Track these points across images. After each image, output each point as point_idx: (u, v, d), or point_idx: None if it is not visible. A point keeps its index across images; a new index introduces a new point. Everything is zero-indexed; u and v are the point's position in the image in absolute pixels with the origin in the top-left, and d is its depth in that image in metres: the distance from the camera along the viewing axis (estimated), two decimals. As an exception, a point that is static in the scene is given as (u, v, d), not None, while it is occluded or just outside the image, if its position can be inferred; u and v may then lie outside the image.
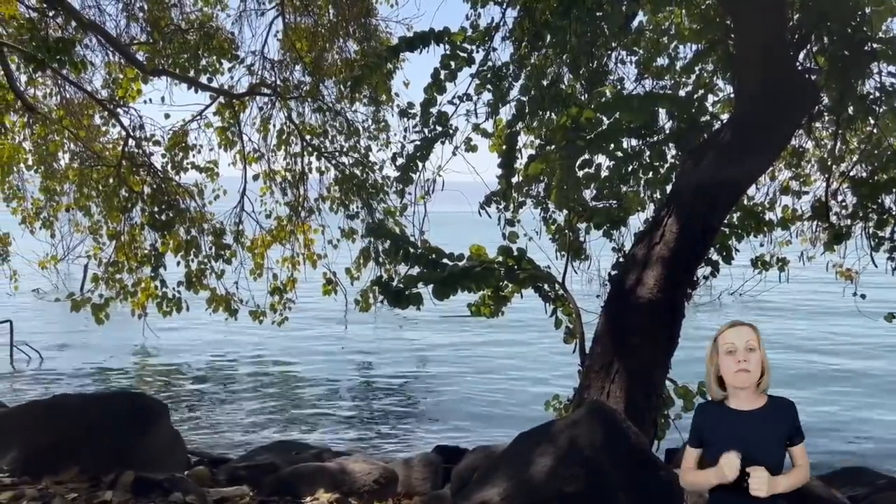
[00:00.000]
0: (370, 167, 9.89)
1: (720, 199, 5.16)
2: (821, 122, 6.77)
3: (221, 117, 9.77)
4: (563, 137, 5.53)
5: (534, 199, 6.44)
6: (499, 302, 5.93)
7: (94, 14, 8.91)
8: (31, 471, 5.04)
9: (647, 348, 4.84)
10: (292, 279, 9.90)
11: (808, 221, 7.29)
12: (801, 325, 16.51)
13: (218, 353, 13.87)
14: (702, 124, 5.74)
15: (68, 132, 9.42)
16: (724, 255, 6.20)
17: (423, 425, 9.90)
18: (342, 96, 9.86)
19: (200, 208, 9.51)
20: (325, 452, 6.53)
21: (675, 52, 6.67)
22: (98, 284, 9.16)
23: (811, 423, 9.37)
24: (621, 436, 3.96)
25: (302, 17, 9.84)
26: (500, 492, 3.68)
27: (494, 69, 6.01)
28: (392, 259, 7.97)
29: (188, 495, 4.77)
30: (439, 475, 5.96)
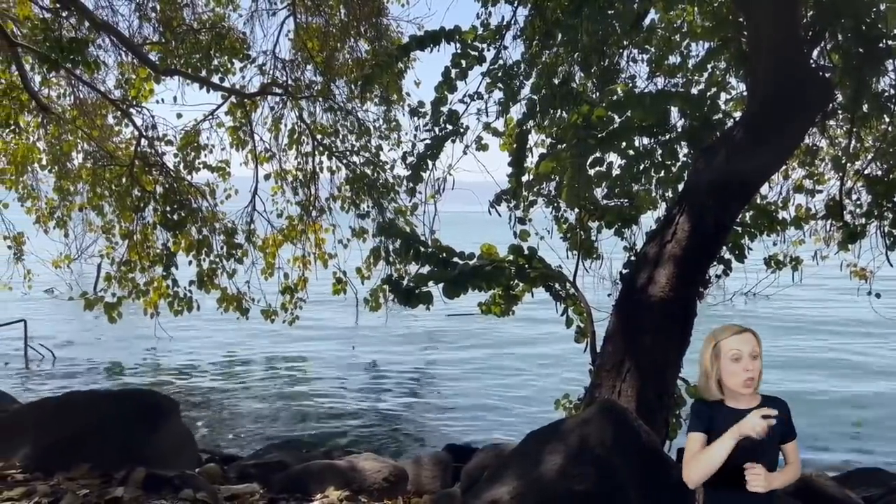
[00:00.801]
0: (381, 166, 9.91)
1: (733, 197, 5.12)
2: (835, 119, 6.71)
3: (233, 117, 9.82)
4: (575, 136, 5.49)
5: (545, 198, 6.41)
6: (509, 301, 5.91)
7: (107, 14, 8.99)
8: (43, 467, 5.07)
9: (658, 347, 4.81)
10: (303, 278, 9.92)
11: (821, 220, 7.22)
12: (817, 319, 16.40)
13: (229, 352, 13.93)
14: (714, 122, 5.70)
15: (82, 132, 9.49)
16: (737, 253, 6.16)
17: (432, 424, 9.89)
18: (353, 96, 9.88)
19: (212, 208, 9.56)
20: (335, 450, 6.53)
21: (688, 50, 6.62)
22: (111, 283, 9.22)
23: (825, 425, 9.31)
24: (632, 434, 3.94)
25: (313, 16, 9.87)
26: (510, 490, 3.66)
27: (505, 68, 5.99)
28: (402, 258, 7.95)
29: (199, 492, 4.78)
30: (449, 474, 5.95)
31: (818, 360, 13.06)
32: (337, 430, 9.42)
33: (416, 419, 10.18)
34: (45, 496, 4.62)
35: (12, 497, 4.58)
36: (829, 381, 11.72)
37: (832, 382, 11.71)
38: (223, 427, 9.48)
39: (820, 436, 9.03)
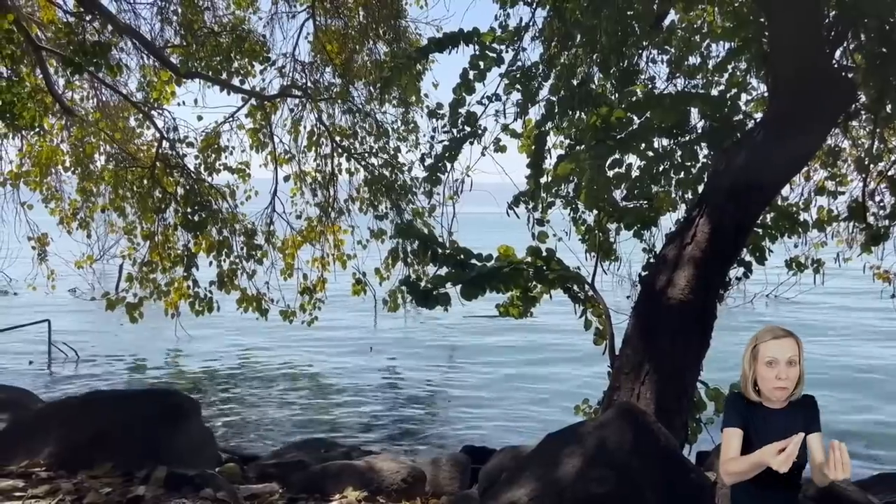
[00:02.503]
0: (399, 168, 9.95)
1: (753, 199, 5.07)
2: (857, 120, 6.63)
3: (253, 119, 9.90)
4: (593, 137, 5.48)
5: (563, 200, 6.40)
6: (527, 303, 5.89)
7: (130, 18, 9.11)
8: (66, 465, 5.13)
9: (678, 350, 4.78)
10: (322, 279, 9.98)
11: (844, 222, 7.14)
12: (839, 326, 16.21)
13: (248, 353, 14.03)
14: (735, 123, 5.66)
15: (104, 134, 9.63)
16: (758, 256, 6.11)
17: (451, 425, 9.90)
18: (372, 98, 9.94)
19: (232, 209, 9.65)
20: (353, 451, 6.55)
21: (708, 51, 6.58)
22: (132, 284, 9.33)
23: (848, 428, 9.20)
24: (651, 438, 3.92)
25: (332, 19, 9.94)
26: (528, 492, 3.66)
27: (524, 69, 6.00)
28: (420, 259, 7.99)
29: (219, 492, 4.82)
30: (467, 475, 5.95)
31: (838, 364, 12.89)
32: (355, 431, 9.46)
33: (434, 420, 10.19)
34: (68, 494, 4.68)
35: (37, 494, 4.65)
36: (851, 385, 11.58)
37: (854, 386, 11.57)
38: (243, 427, 9.55)
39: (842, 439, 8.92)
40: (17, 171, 9.88)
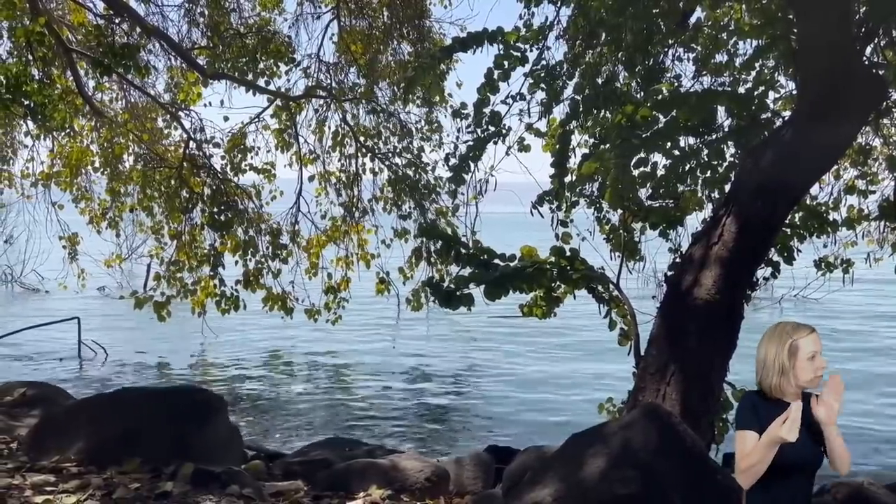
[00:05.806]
0: (423, 168, 9.97)
1: (781, 198, 5.01)
2: (889, 118, 6.52)
3: (278, 120, 9.98)
4: (619, 136, 5.44)
5: (587, 199, 6.37)
6: (551, 303, 5.87)
7: (158, 20, 9.22)
8: (96, 461, 5.23)
9: (704, 351, 4.75)
10: (346, 278, 10.03)
11: (874, 221, 7.02)
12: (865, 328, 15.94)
13: (274, 351, 14.14)
14: (762, 122, 5.59)
15: (133, 135, 9.75)
16: (786, 255, 6.02)
17: (474, 424, 9.89)
18: (396, 98, 9.96)
19: (258, 209, 9.72)
20: (377, 449, 6.58)
21: (735, 49, 6.50)
22: (160, 283, 9.45)
23: (873, 433, 9.04)
24: (677, 438, 3.89)
25: (357, 19, 9.98)
26: (552, 493, 3.66)
27: (548, 68, 5.97)
28: (444, 259, 7.98)
29: (245, 488, 4.87)
30: (491, 475, 5.95)
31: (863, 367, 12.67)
32: (379, 429, 9.49)
33: (458, 419, 10.19)
34: (98, 489, 4.77)
35: (68, 489, 4.74)
36: (880, 387, 11.38)
37: (881, 389, 11.37)
38: (268, 424, 9.63)
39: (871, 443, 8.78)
40: (48, 171, 10.06)
